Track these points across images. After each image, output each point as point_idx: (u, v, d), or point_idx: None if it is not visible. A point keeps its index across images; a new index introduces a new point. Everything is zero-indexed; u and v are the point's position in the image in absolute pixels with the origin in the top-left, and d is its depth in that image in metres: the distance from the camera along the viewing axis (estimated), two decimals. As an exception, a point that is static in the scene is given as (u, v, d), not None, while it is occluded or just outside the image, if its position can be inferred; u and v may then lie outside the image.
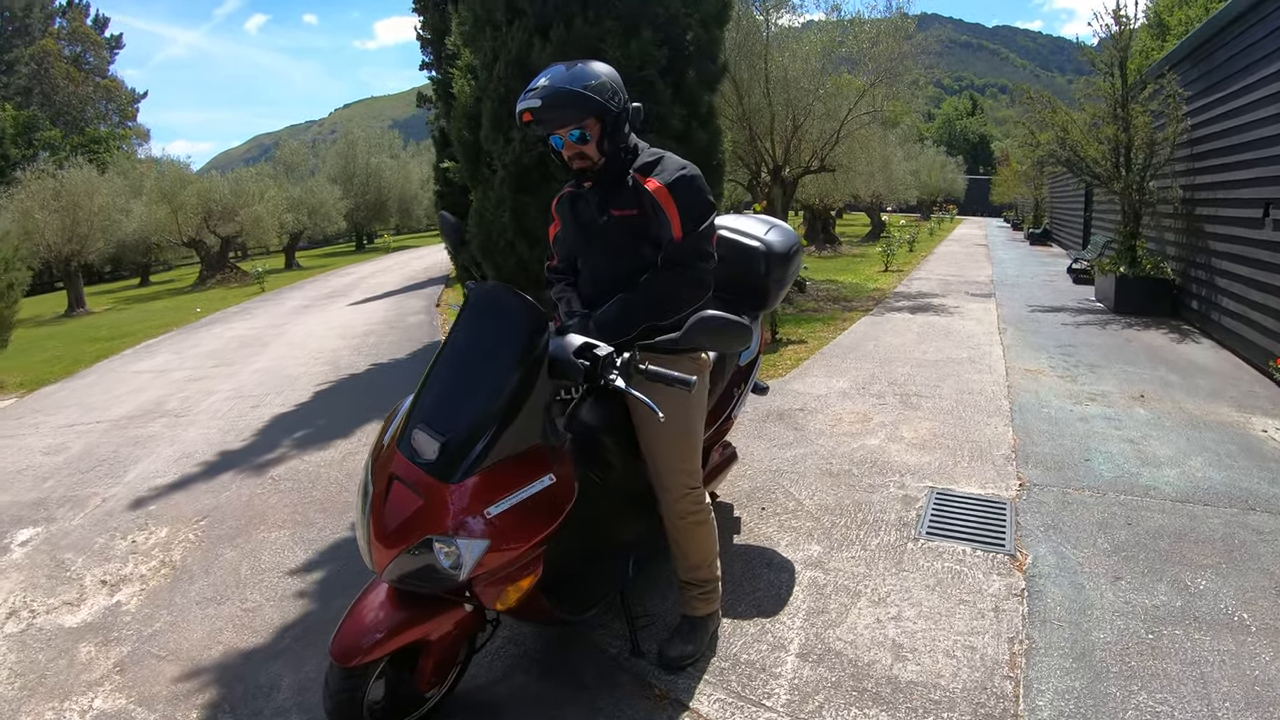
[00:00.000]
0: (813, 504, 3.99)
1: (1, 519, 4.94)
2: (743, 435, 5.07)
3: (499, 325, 2.22)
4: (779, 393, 6.13)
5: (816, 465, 4.54)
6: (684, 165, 2.47)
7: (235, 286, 23.59)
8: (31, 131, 42.92)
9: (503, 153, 5.74)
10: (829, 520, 3.80)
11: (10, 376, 10.88)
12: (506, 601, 2.12)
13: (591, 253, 2.63)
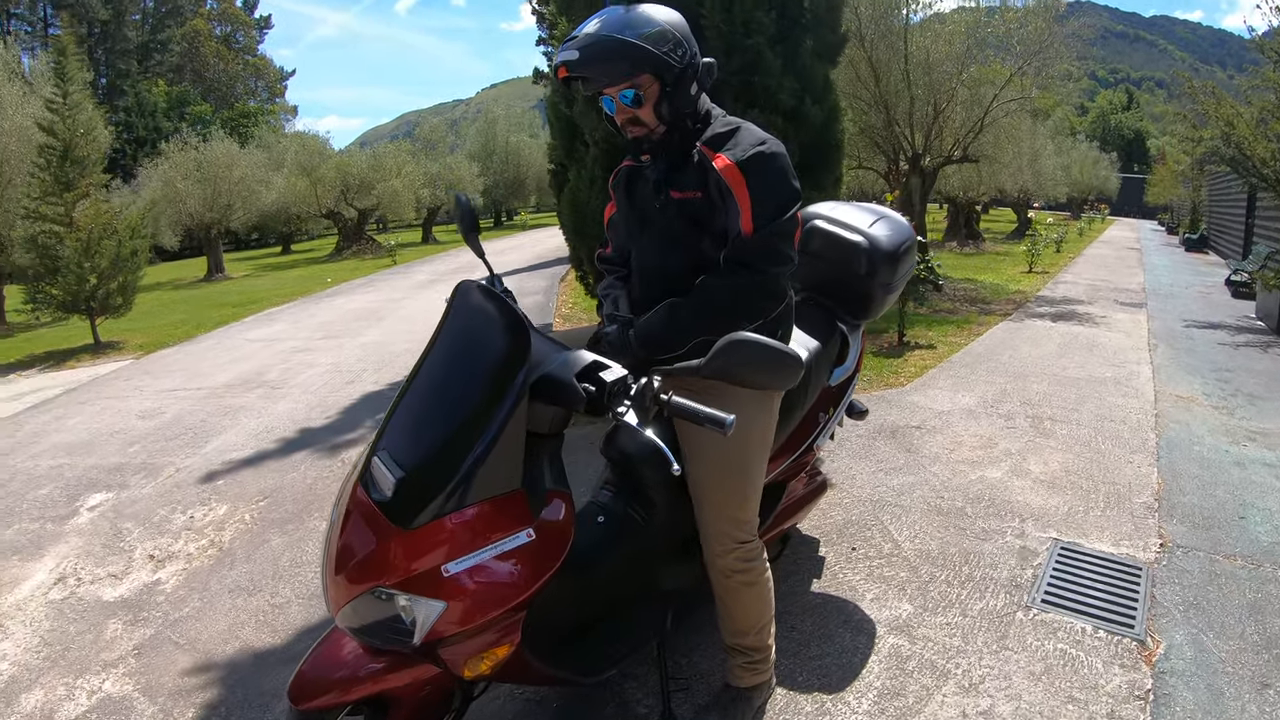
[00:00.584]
0: (912, 548, 3.48)
1: (80, 481, 5.17)
2: (845, 453, 4.61)
3: (475, 337, 1.89)
4: (896, 405, 5.59)
5: (925, 499, 4.00)
6: (763, 140, 2.04)
7: (369, 258, 25.09)
8: (183, 106, 47.26)
9: (594, 128, 5.51)
10: (928, 572, 3.30)
11: (134, 338, 11.77)
12: (478, 669, 1.82)
13: (644, 242, 2.27)
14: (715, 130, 2.08)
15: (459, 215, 2.42)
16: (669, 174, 2.11)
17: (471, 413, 1.75)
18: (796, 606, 2.97)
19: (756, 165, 1.99)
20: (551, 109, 6.22)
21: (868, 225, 2.94)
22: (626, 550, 2.22)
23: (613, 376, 1.73)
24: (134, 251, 11.47)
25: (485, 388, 1.75)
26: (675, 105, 2.00)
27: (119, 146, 41.69)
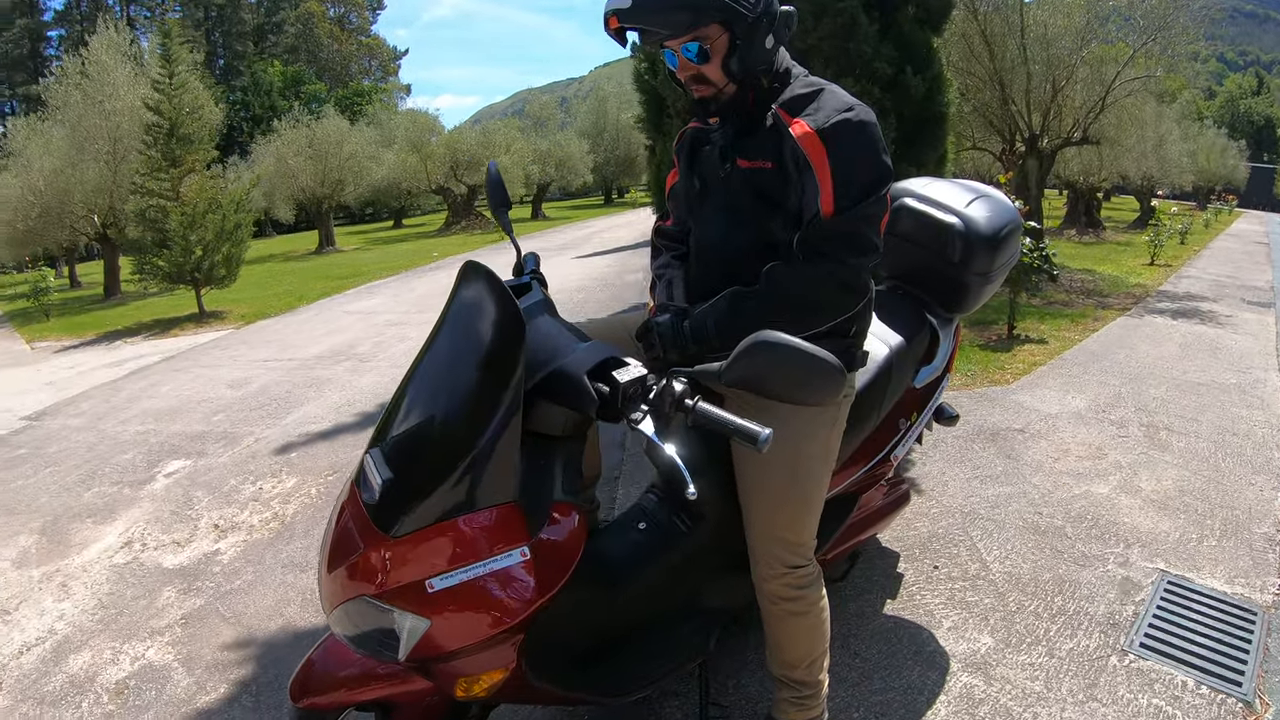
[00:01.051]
0: (1001, 571, 3.11)
1: (162, 448, 5.36)
2: (938, 456, 4.24)
3: (472, 326, 1.69)
4: (999, 405, 5.14)
5: (1021, 514, 3.58)
6: (849, 105, 1.76)
7: (478, 233, 25.96)
8: (298, 85, 49.84)
9: (677, 99, 5.27)
10: (1015, 600, 2.92)
11: (238, 308, 12.37)
12: (471, 691, 1.68)
13: (704, 215, 2.02)
14: (795, 91, 1.82)
15: (488, 187, 2.22)
16: (737, 139, 1.86)
17: (461, 413, 1.58)
18: (864, 630, 2.69)
19: (841, 135, 1.72)
20: (636, 78, 6.01)
21: (964, 205, 2.57)
22: (668, 562, 2.03)
23: (628, 377, 1.51)
24: (238, 225, 12.03)
25: (477, 386, 1.58)
26: (747, 61, 1.74)
27: (236, 124, 44.33)
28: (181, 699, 2.65)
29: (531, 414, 1.61)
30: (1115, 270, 12.35)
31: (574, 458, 1.72)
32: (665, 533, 2.07)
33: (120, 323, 12.38)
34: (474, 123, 33.36)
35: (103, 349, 10.23)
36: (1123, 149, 17.76)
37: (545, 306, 1.84)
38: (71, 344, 11.05)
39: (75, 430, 6.11)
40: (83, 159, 15.89)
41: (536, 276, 2.09)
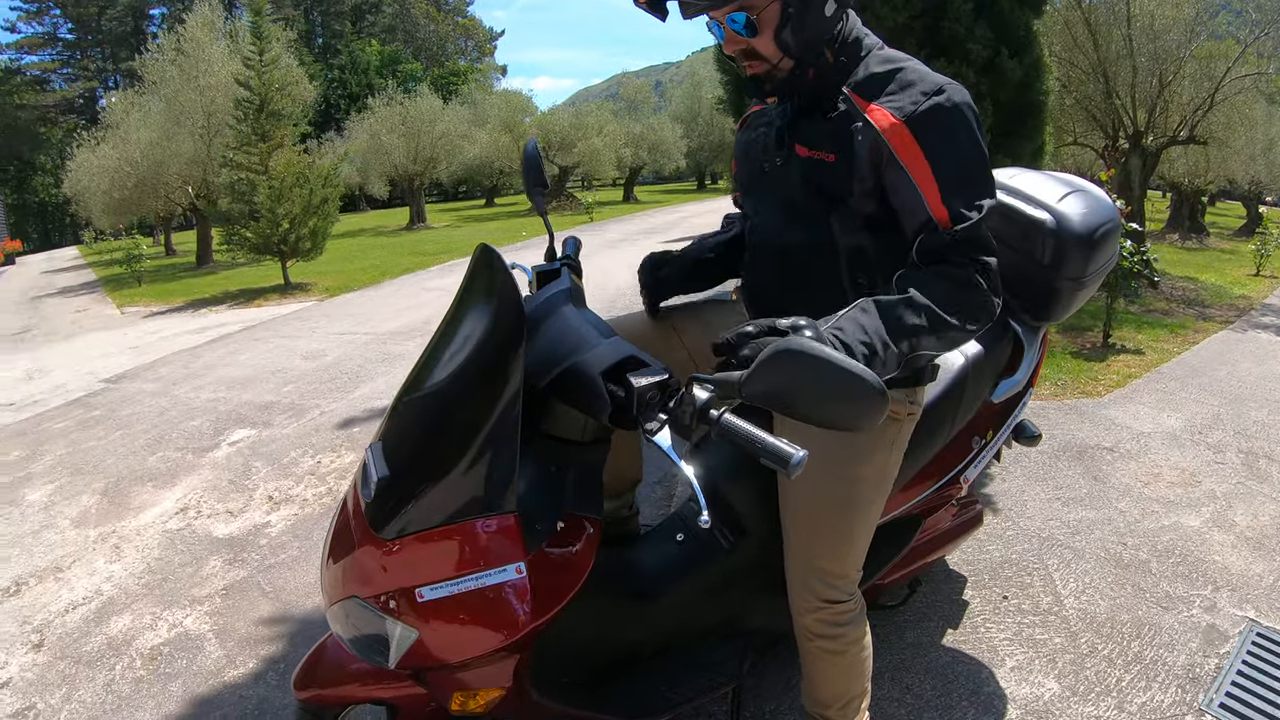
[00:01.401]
0: (1075, 607, 2.82)
1: (230, 416, 5.48)
2: (1019, 472, 3.93)
3: (478, 315, 1.57)
4: (1089, 419, 4.75)
5: (1103, 543, 3.25)
6: (939, 86, 1.50)
7: (568, 214, 26.42)
8: (394, 65, 51.38)
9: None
10: (1088, 642, 2.59)
11: (323, 280, 12.73)
12: (468, 707, 1.60)
13: (759, 206, 1.81)
14: (870, 70, 1.57)
15: (525, 166, 2.07)
16: (797, 123, 1.64)
17: (456, 413, 1.47)
18: (919, 663, 2.47)
19: (935, 124, 1.47)
20: (718, 58, 5.82)
21: (1056, 200, 2.29)
22: (704, 578, 1.91)
23: (644, 381, 1.34)
24: (325, 199, 12.37)
25: (472, 385, 1.47)
26: (803, 31, 1.51)
27: (333, 102, 45.89)
28: (210, 671, 2.64)
29: (547, 415, 1.51)
30: (1218, 279, 11.58)
31: (593, 466, 1.59)
32: (704, 546, 1.95)
33: (208, 291, 12.87)
34: (569, 105, 33.85)
35: (188, 316, 10.64)
36: (1230, 151, 16.80)
37: (571, 296, 1.70)
38: (159, 310, 11.54)
39: (150, 395, 6.31)
40: (178, 132, 16.68)
41: (569, 263, 1.97)
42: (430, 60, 57.62)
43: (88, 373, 7.37)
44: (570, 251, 2.04)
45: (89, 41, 58.85)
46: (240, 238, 11.96)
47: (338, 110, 43.35)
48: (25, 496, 4.34)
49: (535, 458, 1.52)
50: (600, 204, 25.15)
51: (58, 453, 5.04)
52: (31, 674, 2.73)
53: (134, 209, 18.63)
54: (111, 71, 55.96)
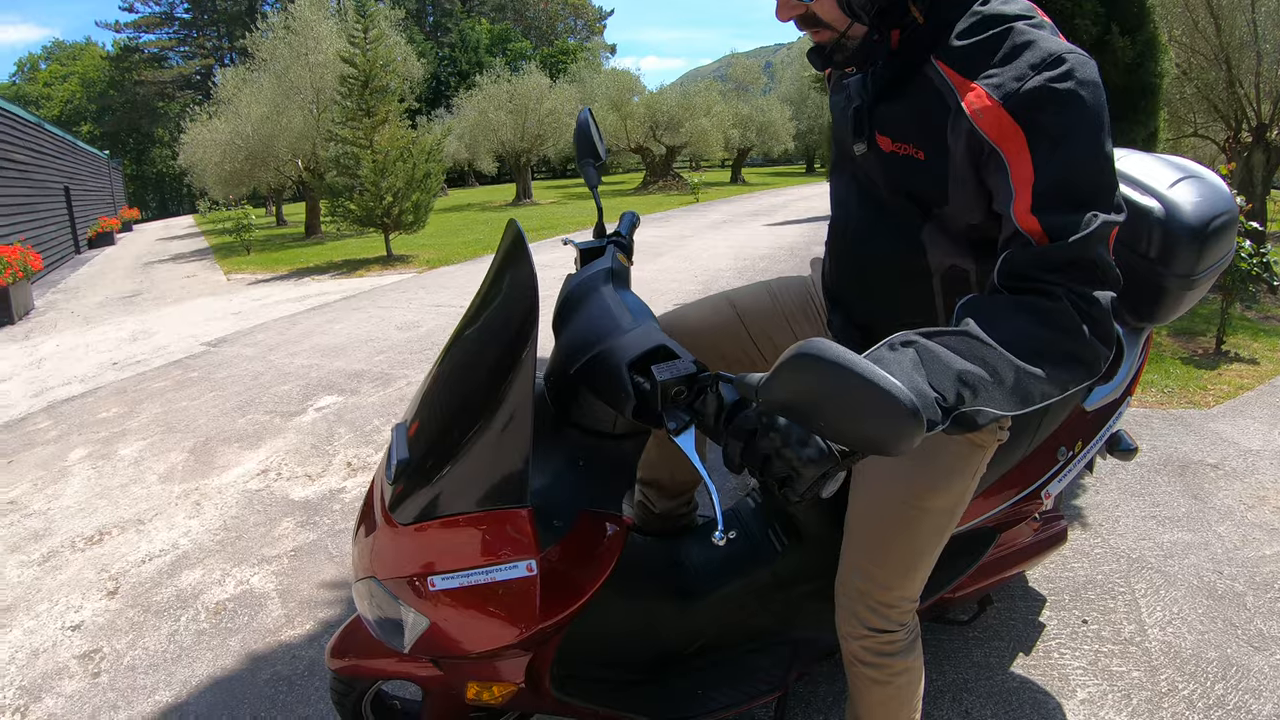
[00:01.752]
0: (1159, 639, 2.53)
1: (320, 383, 5.62)
2: (1114, 484, 3.57)
3: (496, 297, 1.51)
4: (1194, 431, 4.32)
5: (1198, 570, 2.92)
6: (1055, 54, 1.15)
7: (674, 194, 26.82)
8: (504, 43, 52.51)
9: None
10: (1169, 679, 2.32)
11: (425, 253, 13.10)
12: (483, 698, 1.58)
13: (839, 194, 1.57)
14: (972, 33, 1.22)
15: (576, 136, 1.96)
16: (879, 104, 1.34)
17: (470, 400, 1.41)
18: (983, 685, 2.28)
19: (1046, 105, 1.13)
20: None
21: (1166, 186, 2.04)
22: (753, 580, 1.84)
23: (670, 374, 1.23)
24: (427, 174, 12.65)
25: (486, 370, 1.41)
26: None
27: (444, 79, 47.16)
28: (269, 629, 2.68)
29: (577, 404, 1.45)
30: (1339, 287, 10.60)
31: (625, 460, 1.51)
32: (756, 547, 1.89)
33: (312, 260, 13.35)
34: (677, 85, 33.91)
35: (291, 284, 11.04)
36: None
37: (612, 276, 1.61)
38: (264, 278, 12.03)
39: (246, 359, 6.54)
40: (288, 107, 17.48)
41: (618, 240, 1.86)
42: (539, 39, 58.76)
43: (190, 336, 7.72)
44: (624, 229, 1.94)
45: (205, 20, 62.16)
46: (344, 210, 12.38)
47: (447, 87, 44.60)
48: (118, 451, 4.54)
49: (561, 449, 1.47)
50: (707, 184, 25.26)
51: (153, 411, 5.26)
52: (103, 619, 2.83)
53: (245, 181, 19.52)
54: (226, 49, 59.00)
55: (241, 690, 2.39)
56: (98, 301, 11.06)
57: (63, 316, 9.95)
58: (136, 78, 57.43)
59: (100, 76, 58.78)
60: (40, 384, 6.36)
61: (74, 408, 5.54)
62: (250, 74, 19.35)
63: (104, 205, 27.79)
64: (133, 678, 2.49)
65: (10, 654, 2.67)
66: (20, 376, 6.73)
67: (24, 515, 3.75)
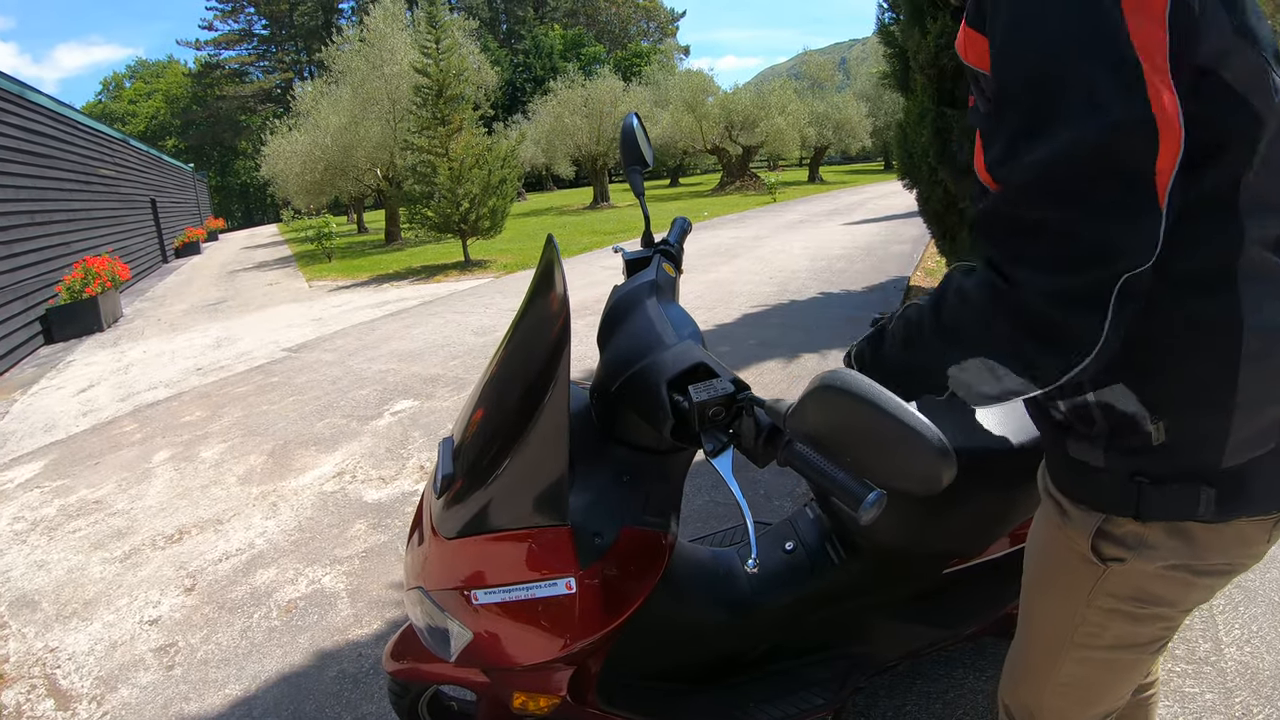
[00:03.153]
0: (1236, 659, 2.24)
1: (397, 387, 5.73)
2: None
3: (532, 313, 1.47)
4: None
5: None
6: None
7: (751, 194, 26.86)
8: (578, 47, 53.30)
9: (918, 49, 4.75)
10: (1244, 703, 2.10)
11: (502, 258, 13.32)
12: (529, 709, 1.60)
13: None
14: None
15: (622, 142, 1.92)
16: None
17: (509, 415, 1.41)
18: None
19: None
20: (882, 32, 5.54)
21: None
22: (810, 593, 1.80)
23: (707, 395, 1.21)
24: (503, 180, 12.85)
25: (522, 387, 1.40)
26: None
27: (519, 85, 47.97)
28: (338, 627, 2.72)
29: (621, 421, 1.44)
30: None
31: (671, 476, 1.50)
32: (813, 559, 1.85)
33: (392, 267, 13.69)
34: (752, 84, 33.88)
35: (370, 290, 11.32)
36: None
37: (656, 289, 1.59)
38: (345, 284, 12.37)
39: (326, 364, 6.71)
40: (365, 118, 18.03)
41: (665, 250, 1.82)
42: (612, 43, 59.38)
43: (271, 341, 7.97)
44: (673, 237, 1.91)
45: (283, 36, 64.65)
46: (422, 217, 12.65)
47: (523, 94, 45.39)
48: (200, 454, 4.69)
49: (606, 464, 1.46)
50: (784, 184, 25.13)
51: (235, 415, 5.43)
52: (179, 614, 2.91)
53: (326, 190, 20.15)
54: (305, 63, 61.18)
55: (308, 686, 2.43)
56: (183, 309, 11.52)
57: (149, 324, 10.38)
58: (218, 93, 60.05)
59: (183, 93, 61.62)
60: (127, 389, 6.63)
61: (159, 411, 5.75)
62: (328, 86, 20.02)
63: (190, 216, 29.02)
64: (205, 671, 2.55)
65: (90, 645, 2.77)
66: (108, 381, 7.04)
67: (108, 514, 3.90)
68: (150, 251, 19.35)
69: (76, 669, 2.65)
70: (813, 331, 6.44)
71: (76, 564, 3.41)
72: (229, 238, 32.69)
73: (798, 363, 5.52)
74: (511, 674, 1.53)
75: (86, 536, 3.67)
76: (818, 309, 7.51)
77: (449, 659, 1.47)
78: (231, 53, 64.31)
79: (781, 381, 5.11)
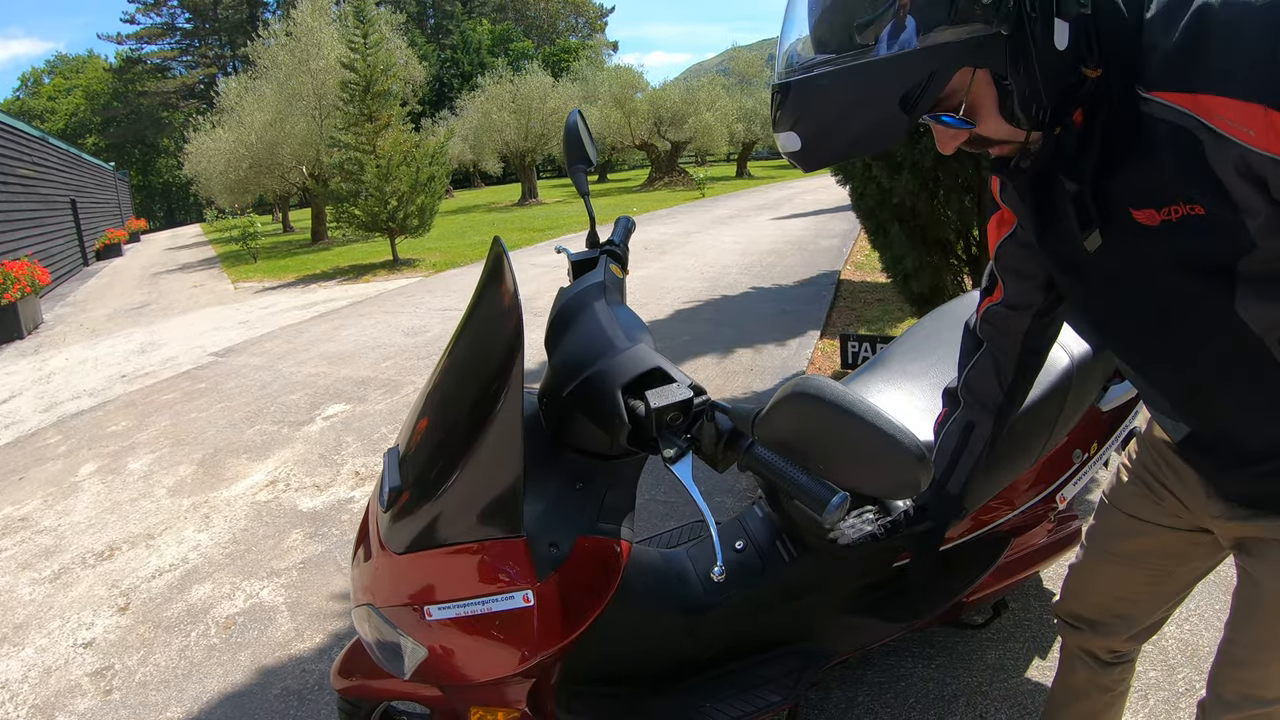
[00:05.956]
0: (1177, 637, 2.41)
1: (328, 391, 5.65)
2: None
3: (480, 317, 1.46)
4: None
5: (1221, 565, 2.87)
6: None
7: (680, 190, 26.84)
8: (506, 43, 52.74)
9: None
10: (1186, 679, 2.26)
11: (431, 256, 13.14)
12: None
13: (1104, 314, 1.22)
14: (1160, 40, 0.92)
15: (565, 140, 1.84)
16: (1106, 174, 1.01)
17: (458, 425, 1.39)
18: (996, 688, 2.24)
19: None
20: None
21: None
22: (762, 592, 1.82)
23: (665, 400, 1.21)
24: (431, 177, 12.69)
25: (473, 395, 1.38)
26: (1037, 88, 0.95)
27: (446, 81, 47.33)
28: (279, 642, 2.69)
29: (572, 427, 1.42)
30: None
31: (624, 482, 1.48)
32: (764, 557, 1.85)
33: (319, 267, 13.41)
34: (681, 80, 33.93)
35: (298, 291, 11.08)
36: None
37: (604, 290, 1.56)
38: (271, 285, 12.09)
39: (254, 368, 6.58)
40: (291, 114, 17.60)
41: (611, 250, 1.78)
42: (541, 38, 59.04)
43: (197, 346, 7.76)
44: (618, 237, 1.87)
45: (206, 30, 62.43)
46: (349, 215, 12.43)
47: (451, 89, 44.76)
48: (128, 465, 4.56)
49: (557, 472, 1.44)
50: (712, 179, 25.27)
51: (162, 424, 5.29)
52: (114, 635, 2.85)
53: (251, 188, 19.61)
54: (229, 58, 59.33)
55: (252, 706, 2.40)
56: (106, 314, 11.13)
57: (71, 330, 10.01)
58: (140, 89, 57.81)
59: (104, 89, 59.14)
60: (50, 399, 6.40)
61: (83, 422, 5.57)
62: (253, 82, 19.44)
63: (111, 217, 27.96)
64: (144, 694, 2.50)
65: (24, 672, 2.69)
66: (30, 391, 6.78)
67: (35, 532, 3.78)
68: (71, 254, 18.60)
69: (10, 698, 2.57)
70: (745, 326, 6.54)
71: (4, 585, 3.30)
72: (152, 239, 31.60)
73: (732, 358, 5.61)
74: (468, 689, 1.50)
75: (13, 556, 3.55)
76: (749, 304, 7.61)
77: (403, 676, 1.43)
78: (154, 47, 61.86)
79: (717, 377, 5.18)
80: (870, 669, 2.30)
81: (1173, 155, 0.92)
